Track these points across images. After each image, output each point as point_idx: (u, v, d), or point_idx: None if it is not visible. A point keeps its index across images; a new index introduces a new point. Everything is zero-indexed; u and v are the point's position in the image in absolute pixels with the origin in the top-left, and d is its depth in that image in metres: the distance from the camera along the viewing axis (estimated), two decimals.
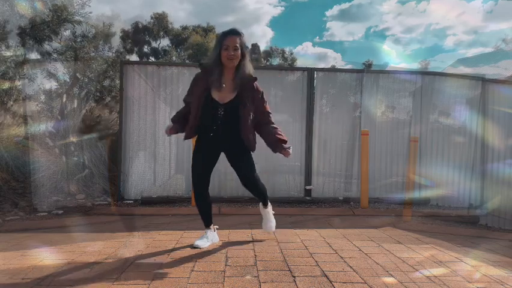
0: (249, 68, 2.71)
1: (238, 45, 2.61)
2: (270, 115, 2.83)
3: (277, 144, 2.77)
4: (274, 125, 2.82)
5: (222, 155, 2.85)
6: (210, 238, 2.86)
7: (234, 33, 2.63)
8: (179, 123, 2.85)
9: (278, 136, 2.75)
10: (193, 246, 2.76)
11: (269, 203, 3.05)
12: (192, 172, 2.80)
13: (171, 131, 2.85)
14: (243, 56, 2.66)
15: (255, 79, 2.74)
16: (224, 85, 2.65)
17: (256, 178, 2.84)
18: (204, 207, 2.86)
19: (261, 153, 2.89)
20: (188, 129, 2.75)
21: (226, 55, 2.60)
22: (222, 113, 2.66)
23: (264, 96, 2.80)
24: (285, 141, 2.76)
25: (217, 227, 3.03)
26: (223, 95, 2.67)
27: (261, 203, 3.05)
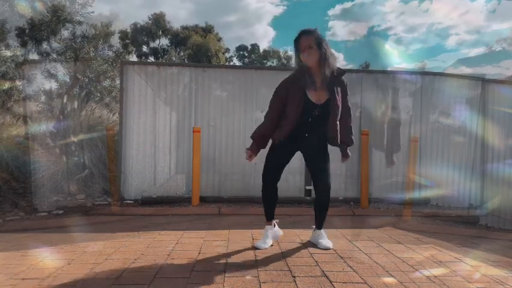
0: (332, 61, 2.69)
1: (311, 43, 2.61)
2: (350, 111, 2.90)
3: (341, 143, 2.82)
4: (350, 125, 2.90)
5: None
6: (270, 235, 2.87)
7: (304, 33, 2.66)
8: (260, 141, 2.81)
9: (346, 136, 2.85)
10: (255, 247, 2.77)
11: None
12: (268, 166, 2.81)
13: (251, 155, 2.80)
14: (320, 50, 2.63)
15: (344, 72, 2.78)
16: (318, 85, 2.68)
17: (329, 185, 2.83)
18: (271, 199, 2.89)
19: (261, 153, 2.87)
20: (281, 132, 2.71)
21: (304, 58, 2.64)
22: (317, 113, 2.69)
23: (348, 90, 2.84)
24: (348, 144, 2.86)
25: (277, 220, 3.01)
26: (319, 95, 2.69)
27: (317, 228, 2.94)
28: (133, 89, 5.28)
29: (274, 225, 2.95)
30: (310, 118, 2.69)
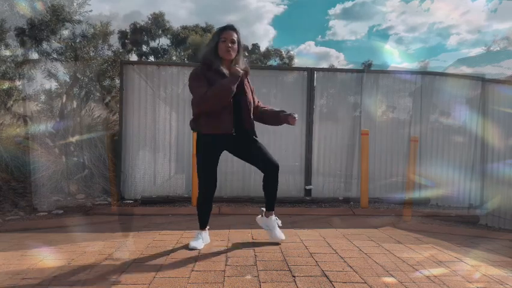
0: (243, 62, 2.72)
1: (235, 39, 2.64)
2: (259, 102, 2.92)
3: (279, 114, 2.80)
4: (264, 106, 2.93)
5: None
6: (204, 239, 2.83)
7: (231, 28, 2.67)
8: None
9: (275, 109, 2.89)
10: (189, 248, 2.70)
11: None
12: (205, 176, 2.71)
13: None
14: (238, 51, 2.67)
15: (248, 71, 2.76)
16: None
17: (277, 163, 2.78)
18: (208, 210, 2.85)
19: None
20: (224, 125, 2.63)
21: (224, 47, 2.61)
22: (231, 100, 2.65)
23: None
24: (283, 111, 2.82)
25: (209, 227, 2.95)
26: None
27: (265, 210, 2.90)
28: (132, 89, 5.28)
29: (206, 231, 2.91)
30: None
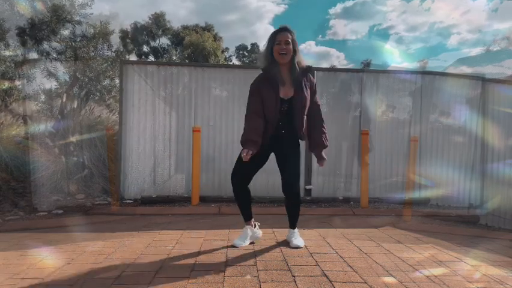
0: (302, 60, 2.73)
1: (289, 40, 2.64)
2: (320, 109, 2.87)
3: (317, 146, 2.86)
4: (324, 127, 2.88)
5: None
6: (249, 235, 2.86)
7: (285, 29, 2.67)
8: (254, 135, 2.67)
9: (323, 139, 2.86)
10: (232, 246, 2.78)
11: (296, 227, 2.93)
12: (240, 167, 2.80)
13: (251, 153, 2.64)
14: (294, 52, 2.67)
15: (311, 69, 2.78)
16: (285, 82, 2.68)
17: (298, 189, 2.78)
18: (245, 202, 2.91)
19: None
20: (264, 137, 2.69)
21: (278, 49, 2.62)
22: (286, 108, 2.68)
23: (316, 88, 2.83)
24: (325, 147, 2.87)
25: (259, 223, 3.00)
26: (286, 90, 2.68)
27: (290, 227, 2.90)
28: (132, 89, 5.28)
29: (255, 226, 2.95)
30: (279, 114, 2.68)
